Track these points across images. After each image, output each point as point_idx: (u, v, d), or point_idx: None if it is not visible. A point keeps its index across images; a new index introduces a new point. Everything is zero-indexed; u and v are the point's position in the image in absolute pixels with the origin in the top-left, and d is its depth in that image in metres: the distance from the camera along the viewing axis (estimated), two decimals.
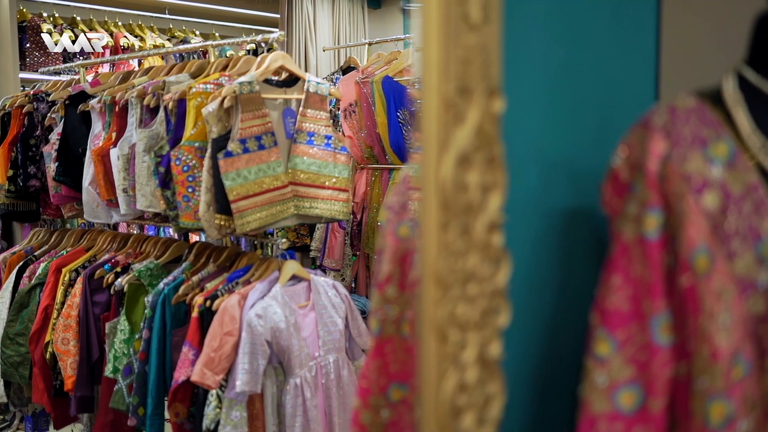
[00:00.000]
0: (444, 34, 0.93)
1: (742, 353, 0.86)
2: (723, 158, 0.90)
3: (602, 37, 1.25)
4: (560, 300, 1.18)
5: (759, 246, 0.85)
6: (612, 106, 1.27)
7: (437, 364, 0.95)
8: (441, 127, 0.93)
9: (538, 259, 1.16)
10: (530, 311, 1.15)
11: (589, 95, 1.22)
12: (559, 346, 1.17)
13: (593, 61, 1.23)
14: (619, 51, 1.28)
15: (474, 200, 0.96)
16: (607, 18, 1.26)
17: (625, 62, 1.30)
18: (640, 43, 1.32)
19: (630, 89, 1.32)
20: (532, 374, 1.16)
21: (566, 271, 1.18)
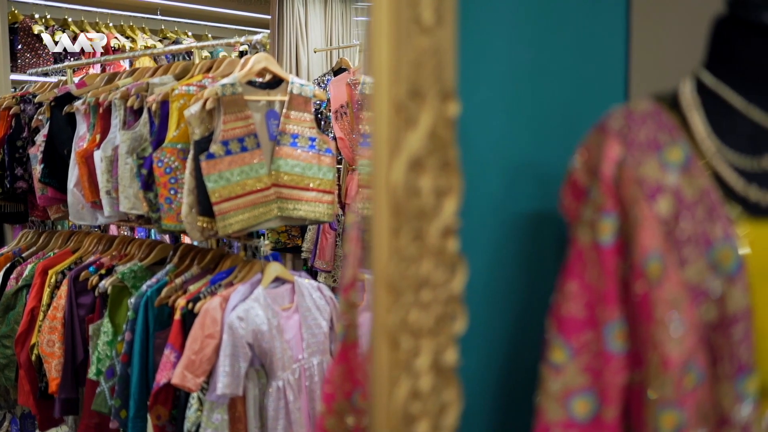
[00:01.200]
0: (394, 37, 0.91)
1: (694, 362, 0.84)
2: (677, 163, 0.89)
3: (570, 38, 1.23)
4: (525, 306, 1.16)
5: (711, 252, 0.84)
6: (581, 108, 1.26)
7: (389, 371, 0.94)
8: (392, 130, 0.92)
9: (500, 265, 1.14)
10: (492, 317, 1.14)
11: (555, 97, 1.21)
12: (523, 353, 1.15)
13: (560, 62, 1.21)
14: (588, 52, 1.27)
15: (427, 205, 0.95)
16: (576, 20, 1.24)
17: (595, 64, 1.28)
18: (610, 44, 1.30)
19: (600, 91, 1.30)
20: (494, 381, 1.15)
21: (531, 276, 1.17)
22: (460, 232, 1.03)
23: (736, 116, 0.91)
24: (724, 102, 0.92)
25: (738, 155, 0.89)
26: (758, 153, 0.89)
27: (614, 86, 1.32)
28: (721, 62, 0.94)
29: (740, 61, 0.91)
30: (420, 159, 0.94)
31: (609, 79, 1.31)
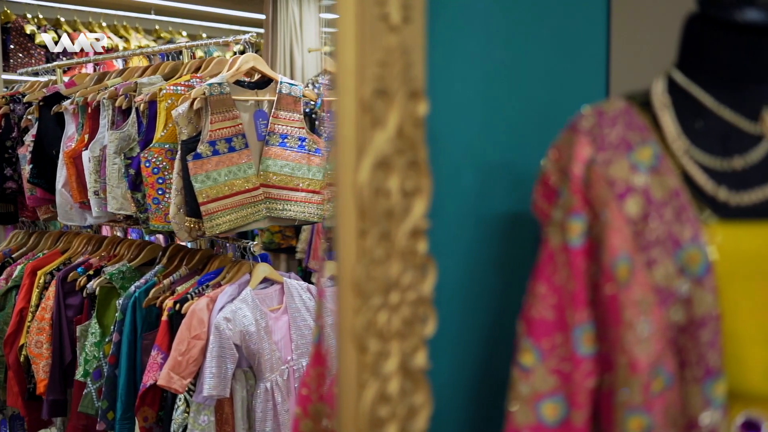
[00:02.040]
0: (361, 35, 0.90)
1: (662, 365, 0.83)
2: (647, 163, 0.88)
3: (549, 37, 1.22)
4: (499, 308, 1.15)
5: (679, 254, 0.82)
6: (561, 108, 1.24)
7: (357, 375, 0.93)
8: (358, 130, 0.91)
9: (474, 266, 1.13)
10: (465, 319, 1.12)
11: (533, 96, 1.19)
12: (497, 356, 1.14)
13: (538, 61, 1.20)
14: (567, 51, 1.25)
15: (395, 206, 0.93)
16: (555, 19, 1.23)
17: (575, 62, 1.27)
18: (591, 43, 1.29)
19: (581, 90, 1.29)
20: (467, 384, 1.13)
21: (506, 278, 1.15)
22: (432, 233, 1.01)
23: (707, 115, 0.90)
24: (695, 101, 0.91)
25: (708, 155, 0.87)
26: (729, 153, 0.87)
27: (595, 85, 1.31)
28: (692, 60, 0.92)
29: (711, 60, 0.90)
30: (387, 159, 0.93)
31: (590, 77, 1.30)
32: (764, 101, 0.89)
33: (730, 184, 0.85)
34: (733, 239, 0.82)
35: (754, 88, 0.90)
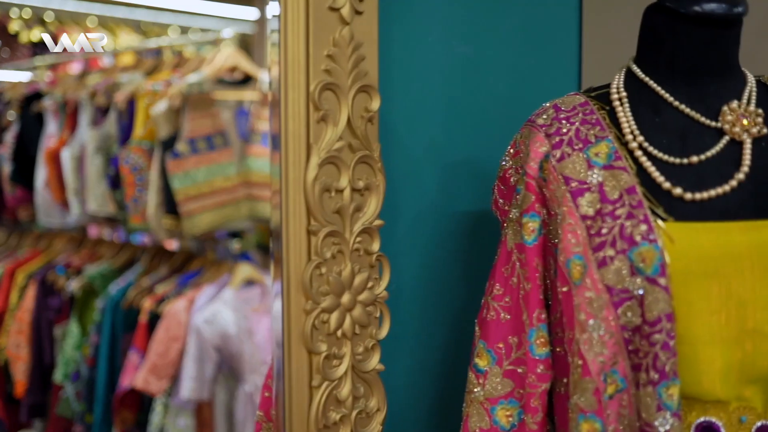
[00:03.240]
0: (310, 27, 0.87)
1: (616, 368, 0.80)
2: (602, 159, 0.85)
3: (517, 31, 1.19)
4: (462, 308, 1.12)
5: (632, 253, 0.79)
6: (530, 104, 1.21)
7: (307, 378, 0.90)
8: (307, 127, 0.88)
9: (436, 266, 1.10)
10: (427, 320, 1.10)
11: (498, 92, 1.17)
12: (460, 357, 1.11)
13: (504, 56, 1.17)
14: (537, 46, 1.23)
15: (346, 204, 0.91)
16: (523, 12, 1.20)
17: (545, 57, 1.24)
18: (562, 37, 1.26)
19: (551, 85, 1.26)
20: (428, 386, 1.11)
21: (469, 278, 1.13)
22: (390, 231, 0.99)
23: (665, 110, 0.87)
24: (653, 95, 0.88)
25: (665, 151, 0.84)
26: (686, 148, 0.84)
27: (567, 80, 1.28)
28: (650, 54, 0.89)
29: (669, 53, 0.87)
30: (338, 156, 0.90)
31: (561, 72, 1.27)
32: (724, 96, 0.86)
33: (687, 182, 0.82)
34: (688, 238, 0.79)
35: (713, 82, 0.87)
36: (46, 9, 3.96)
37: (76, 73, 2.85)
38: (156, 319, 2.28)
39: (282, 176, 0.87)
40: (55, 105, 2.58)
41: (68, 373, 2.38)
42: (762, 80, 0.91)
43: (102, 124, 2.43)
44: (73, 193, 2.47)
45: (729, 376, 0.80)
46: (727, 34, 0.86)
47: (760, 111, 0.85)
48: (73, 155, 2.45)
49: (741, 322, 0.79)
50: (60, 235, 2.82)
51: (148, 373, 2.15)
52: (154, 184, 2.25)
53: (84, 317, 2.46)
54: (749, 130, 0.84)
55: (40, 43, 3.72)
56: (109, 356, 2.33)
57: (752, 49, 1.13)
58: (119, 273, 2.54)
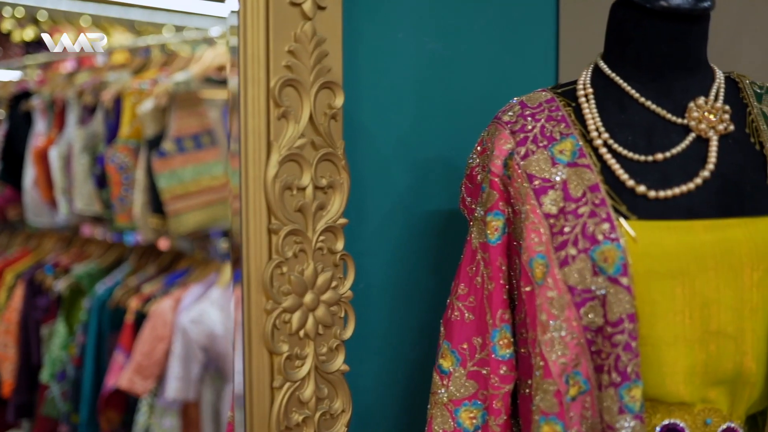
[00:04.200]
0: (270, 23, 0.86)
1: (578, 369, 0.78)
2: (567, 157, 0.83)
3: (491, 27, 1.18)
4: (433, 307, 1.11)
5: (594, 252, 0.78)
6: (506, 101, 1.20)
7: (268, 379, 0.89)
8: (268, 123, 0.87)
9: (406, 265, 1.09)
10: (396, 320, 1.08)
11: (471, 89, 1.15)
12: (430, 357, 1.09)
13: (477, 52, 1.16)
14: (513, 42, 1.21)
15: (308, 202, 0.89)
16: (498, 8, 1.19)
17: (521, 53, 1.23)
18: (539, 32, 1.25)
19: (528, 83, 1.24)
20: (397, 388, 1.09)
21: (440, 277, 1.11)
22: (358, 230, 0.98)
23: (631, 107, 0.85)
24: (620, 91, 0.86)
25: (630, 149, 0.83)
26: (651, 145, 0.83)
27: (544, 77, 1.27)
28: (617, 49, 0.88)
29: (635, 48, 0.86)
30: (300, 153, 0.89)
31: (538, 69, 1.25)
32: (691, 92, 0.85)
33: (651, 179, 0.81)
34: (651, 237, 0.78)
35: (680, 78, 0.85)
36: (39, 8, 3.96)
37: (66, 72, 2.84)
38: (142, 319, 2.26)
39: (241, 174, 0.86)
40: (44, 104, 2.57)
41: (54, 373, 2.37)
42: (731, 76, 0.89)
43: (89, 123, 2.42)
44: (60, 192, 2.46)
45: (693, 377, 0.78)
46: (694, 29, 0.84)
47: (727, 108, 0.83)
48: (61, 154, 2.44)
49: (705, 323, 0.78)
50: (49, 235, 2.81)
51: (133, 373, 2.14)
52: (140, 183, 2.23)
53: (71, 317, 2.45)
54: (716, 127, 0.82)
55: (33, 42, 3.72)
56: (96, 356, 2.31)
57: (727, 46, 1.12)
58: (107, 272, 2.53)
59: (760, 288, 0.77)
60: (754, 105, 0.85)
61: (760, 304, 0.78)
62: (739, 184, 0.80)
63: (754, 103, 0.86)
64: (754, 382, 0.79)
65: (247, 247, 0.86)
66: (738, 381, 0.79)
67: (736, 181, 0.80)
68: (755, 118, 0.84)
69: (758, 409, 0.82)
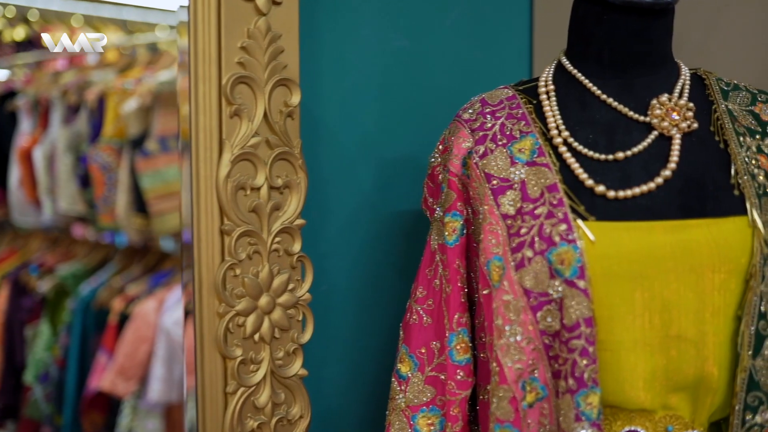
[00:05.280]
0: (222, 18, 0.84)
1: (535, 375, 0.76)
2: (526, 156, 0.81)
3: (463, 25, 1.15)
4: (400, 310, 1.08)
5: (551, 254, 0.75)
6: None
7: (221, 384, 0.86)
8: (219, 122, 0.85)
9: (372, 267, 1.07)
10: (362, 323, 1.06)
11: (441, 87, 1.13)
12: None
13: (449, 51, 1.13)
14: (486, 40, 1.18)
15: (263, 203, 0.87)
16: (471, 5, 1.16)
17: (495, 51, 1.20)
18: (512, 29, 1.22)
19: (502, 80, 1.21)
20: (362, 393, 1.07)
21: (408, 279, 1.08)
22: (320, 231, 0.95)
23: (592, 104, 0.83)
24: (582, 88, 0.84)
25: (590, 147, 0.80)
26: (612, 144, 0.80)
27: (518, 74, 1.24)
28: (580, 45, 0.85)
29: (597, 44, 0.83)
30: (254, 153, 0.86)
31: (512, 66, 1.23)
32: (655, 89, 0.82)
33: (611, 179, 0.78)
34: (609, 238, 0.75)
35: (643, 75, 0.83)
36: (30, 8, 3.95)
37: (53, 71, 2.82)
38: (126, 320, 2.24)
39: (192, 173, 0.84)
40: (29, 103, 2.55)
41: (38, 374, 2.35)
42: (698, 73, 0.87)
43: (73, 122, 2.41)
44: (44, 192, 2.44)
45: (653, 383, 0.76)
46: (657, 24, 0.81)
47: (692, 105, 0.81)
48: (45, 154, 2.42)
49: (665, 327, 0.75)
50: (35, 235, 2.80)
51: (116, 374, 2.12)
52: (123, 183, 2.21)
53: (56, 318, 2.43)
54: (679, 125, 0.80)
55: (24, 42, 3.71)
56: (79, 358, 2.29)
57: (700, 43, 1.10)
58: (92, 273, 2.51)
59: (721, 291, 0.75)
60: (720, 102, 0.83)
61: (721, 307, 0.75)
62: (701, 183, 0.78)
63: (720, 100, 0.83)
64: (716, 388, 0.76)
65: (198, 248, 0.84)
66: (700, 387, 0.76)
67: (698, 181, 0.78)
68: (720, 115, 0.82)
69: (722, 416, 0.79)
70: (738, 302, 0.75)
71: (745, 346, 0.74)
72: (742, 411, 0.75)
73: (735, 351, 0.75)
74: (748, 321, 0.74)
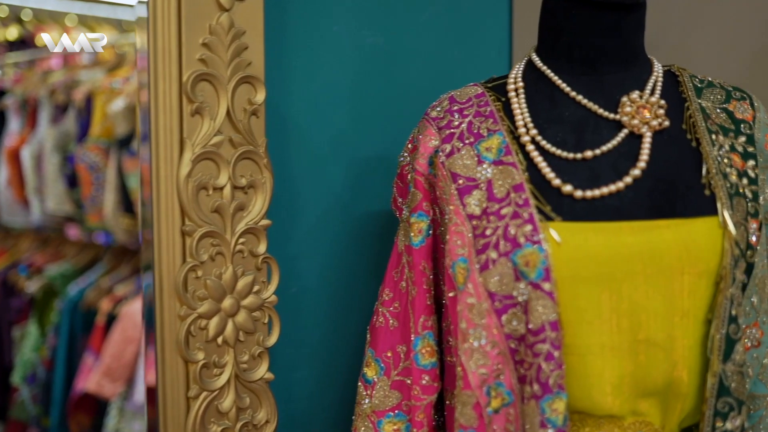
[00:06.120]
0: (182, 14, 0.82)
1: (501, 380, 0.74)
2: (493, 154, 0.78)
3: (440, 22, 1.13)
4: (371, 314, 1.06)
5: (515, 255, 0.73)
6: None
7: (183, 388, 0.84)
8: (180, 120, 0.83)
9: (344, 268, 1.05)
10: (333, 325, 1.04)
11: (418, 86, 1.11)
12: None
13: (425, 48, 1.11)
14: (464, 37, 1.16)
15: (226, 203, 0.85)
16: (449, 2, 1.14)
17: (473, 49, 1.18)
18: (491, 28, 1.20)
19: (480, 79, 1.20)
20: (334, 397, 1.04)
21: (381, 281, 1.06)
22: (294, 232, 0.93)
23: (561, 101, 0.80)
24: (551, 85, 0.82)
25: (558, 145, 0.78)
26: (581, 142, 0.78)
27: (498, 71, 1.21)
28: (549, 41, 0.83)
29: (566, 40, 0.81)
30: (216, 152, 0.84)
31: (491, 64, 1.21)
32: (626, 86, 0.80)
33: (579, 178, 0.76)
34: (575, 239, 0.73)
35: (614, 71, 0.81)
36: (23, 7, 3.94)
37: (43, 70, 2.80)
38: (113, 321, 2.23)
39: (153, 173, 0.82)
40: (17, 103, 2.53)
41: (25, 375, 2.33)
42: (672, 70, 0.84)
43: (61, 121, 2.39)
44: (32, 192, 2.43)
45: (621, 389, 0.73)
46: (628, 19, 0.79)
47: (663, 102, 0.79)
48: (33, 153, 2.41)
49: (633, 331, 0.73)
50: (25, 235, 2.78)
51: (102, 376, 2.10)
52: (111, 182, 2.20)
53: (44, 318, 2.41)
54: (649, 122, 0.77)
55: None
56: (67, 358, 2.28)
57: (679, 39, 1.07)
58: (81, 273, 2.49)
59: (691, 294, 0.73)
60: (693, 100, 0.81)
61: (691, 310, 0.73)
62: (671, 183, 0.75)
63: (693, 97, 0.81)
64: (686, 393, 0.74)
65: (159, 249, 0.82)
66: (669, 392, 0.74)
67: (668, 180, 0.76)
68: (693, 113, 0.79)
69: (692, 422, 0.77)
70: (708, 305, 0.73)
71: (715, 350, 0.72)
72: (712, 417, 0.73)
73: (705, 355, 0.73)
74: (718, 325, 0.72)
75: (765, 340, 0.79)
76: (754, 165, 0.78)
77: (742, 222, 0.74)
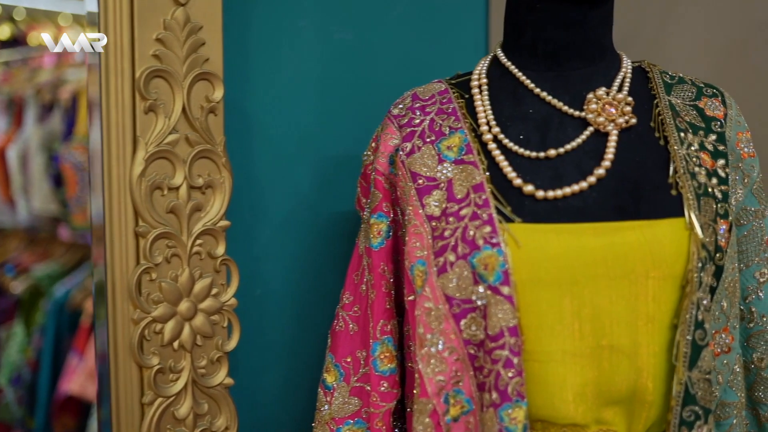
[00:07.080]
0: (134, 8, 0.79)
1: (460, 387, 0.71)
2: (454, 153, 0.76)
3: (412, 18, 1.10)
4: None
5: (474, 258, 0.70)
6: None
7: (137, 394, 0.82)
8: (132, 118, 0.80)
9: (311, 271, 1.02)
10: (300, 329, 1.01)
11: (389, 84, 1.07)
12: None
13: (396, 44, 1.09)
14: (437, 33, 1.14)
15: (182, 203, 0.82)
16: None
17: (447, 46, 1.15)
18: (467, 24, 1.17)
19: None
20: (299, 403, 1.02)
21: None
22: (257, 234, 0.91)
23: (525, 98, 0.78)
24: (515, 81, 0.79)
25: (521, 144, 0.75)
26: (545, 140, 0.75)
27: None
28: (514, 36, 0.80)
29: (531, 35, 0.78)
30: (171, 150, 0.82)
31: (465, 61, 1.18)
32: (593, 82, 0.77)
33: (542, 178, 0.73)
34: (536, 241, 0.70)
35: (580, 67, 0.78)
36: (15, 6, 3.92)
37: (31, 69, 2.78)
38: None
39: (104, 172, 0.79)
40: (4, 102, 2.52)
41: (10, 377, 2.31)
42: (642, 66, 0.82)
43: (47, 121, 2.37)
44: (19, 191, 2.41)
45: (584, 396, 0.71)
46: (594, 14, 0.76)
47: (630, 99, 0.76)
48: (19, 153, 2.39)
49: (596, 337, 0.70)
50: (13, 234, 2.76)
51: (86, 378, 2.09)
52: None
53: (30, 319, 2.40)
54: (616, 120, 0.75)
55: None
56: (52, 360, 2.26)
57: (654, 35, 1.05)
58: (68, 273, 2.47)
59: (655, 298, 0.70)
60: (662, 96, 0.78)
61: (656, 315, 0.70)
62: (637, 183, 0.73)
63: (662, 94, 0.78)
64: (651, 401, 0.71)
65: (111, 251, 0.80)
66: (634, 400, 0.71)
67: (634, 180, 0.73)
68: (662, 110, 0.77)
69: (659, 431, 0.74)
70: (674, 310, 0.70)
71: (681, 357, 0.69)
72: (678, 426, 0.70)
73: (670, 362, 0.70)
74: (684, 330, 0.69)
75: (735, 345, 0.76)
76: (725, 164, 0.75)
77: (711, 223, 0.71)
